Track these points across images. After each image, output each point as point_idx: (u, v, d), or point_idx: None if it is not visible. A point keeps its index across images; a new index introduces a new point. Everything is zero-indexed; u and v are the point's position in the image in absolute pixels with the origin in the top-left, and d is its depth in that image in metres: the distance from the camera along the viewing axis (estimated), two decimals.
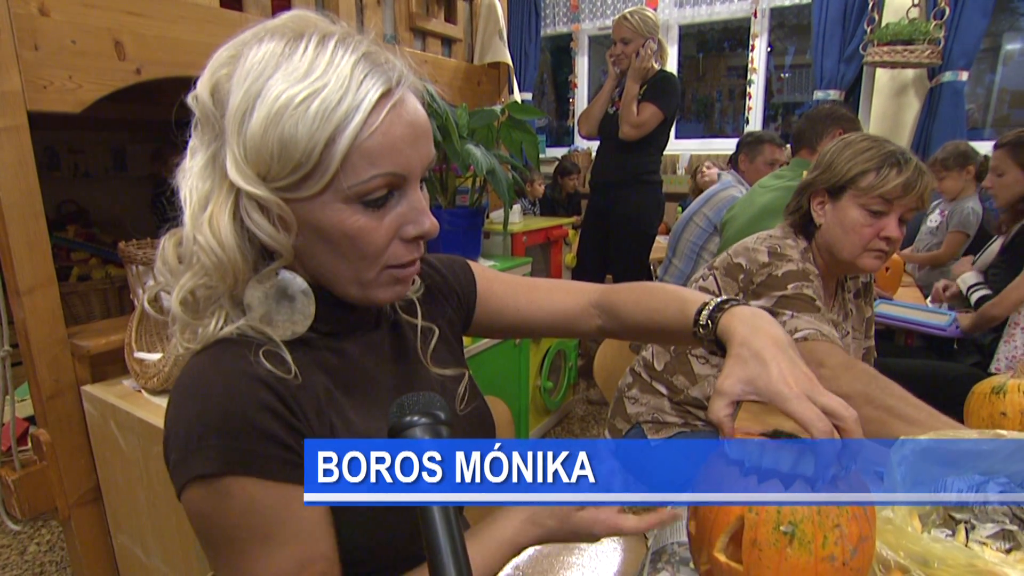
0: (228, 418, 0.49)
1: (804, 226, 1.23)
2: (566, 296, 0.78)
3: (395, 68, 0.52)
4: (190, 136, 0.54)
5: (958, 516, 0.67)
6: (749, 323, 0.58)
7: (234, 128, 0.49)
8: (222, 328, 0.54)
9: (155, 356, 1.23)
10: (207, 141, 0.52)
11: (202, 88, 0.52)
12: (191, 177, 0.52)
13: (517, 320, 0.78)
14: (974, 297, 1.99)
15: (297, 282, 0.54)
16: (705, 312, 0.63)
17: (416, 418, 0.42)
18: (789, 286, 1.10)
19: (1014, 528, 0.64)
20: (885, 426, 0.85)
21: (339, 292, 0.56)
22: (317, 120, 0.48)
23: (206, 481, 0.48)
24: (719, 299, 0.64)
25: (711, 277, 1.25)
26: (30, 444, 1.31)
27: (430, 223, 0.55)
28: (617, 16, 2.56)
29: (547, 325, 0.78)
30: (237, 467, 0.48)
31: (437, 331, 0.70)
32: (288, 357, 0.53)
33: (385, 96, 0.50)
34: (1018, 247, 1.92)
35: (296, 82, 0.48)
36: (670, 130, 2.61)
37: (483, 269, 0.79)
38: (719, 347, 0.61)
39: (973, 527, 0.65)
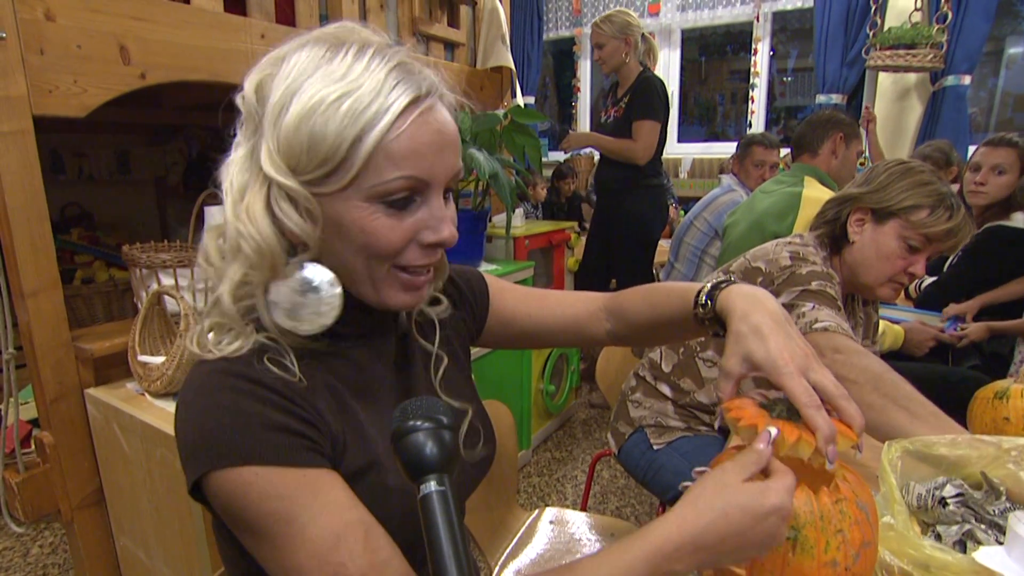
0: (238, 415, 0.50)
1: (834, 238, 1.20)
2: (576, 302, 0.80)
3: (427, 79, 0.55)
4: (235, 133, 0.57)
5: (927, 520, 0.67)
6: (748, 297, 0.59)
7: (271, 121, 0.53)
8: (240, 349, 0.54)
9: (158, 359, 1.24)
10: (248, 135, 0.56)
11: (248, 86, 0.55)
12: (233, 169, 0.55)
13: (528, 327, 0.80)
14: (923, 286, 2.02)
15: (323, 272, 0.55)
16: (704, 292, 0.64)
17: (419, 423, 0.43)
18: (814, 283, 1.08)
19: (981, 526, 0.64)
20: (886, 413, 0.84)
21: (355, 291, 0.58)
22: (347, 119, 0.50)
23: (222, 474, 0.49)
24: (717, 279, 0.65)
25: None
26: (33, 447, 1.31)
27: (448, 232, 0.57)
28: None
29: (558, 331, 0.80)
30: (251, 457, 0.49)
31: (445, 359, 0.70)
32: (293, 362, 0.55)
33: (414, 103, 0.52)
34: (981, 246, 1.93)
35: (332, 83, 0.51)
36: (666, 130, 2.62)
37: (495, 279, 0.81)
38: (720, 326, 0.62)
39: (939, 535, 0.65)
